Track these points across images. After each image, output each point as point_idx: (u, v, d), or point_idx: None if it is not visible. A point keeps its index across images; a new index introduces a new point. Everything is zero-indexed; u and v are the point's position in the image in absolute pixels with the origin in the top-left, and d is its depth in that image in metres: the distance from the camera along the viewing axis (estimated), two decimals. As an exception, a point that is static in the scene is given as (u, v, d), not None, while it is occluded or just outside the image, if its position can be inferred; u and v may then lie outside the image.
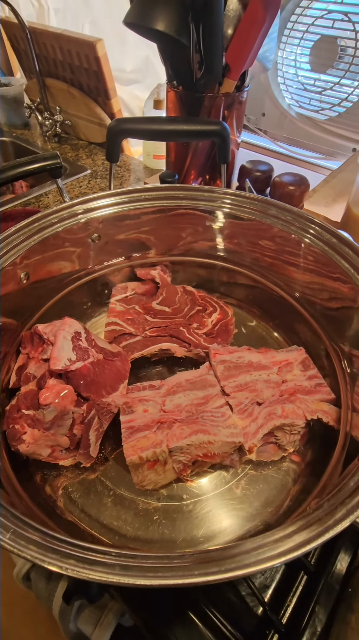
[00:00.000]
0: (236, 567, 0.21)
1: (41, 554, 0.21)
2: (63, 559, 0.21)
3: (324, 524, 0.23)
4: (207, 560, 0.22)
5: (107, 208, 0.52)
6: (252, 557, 0.21)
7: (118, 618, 0.46)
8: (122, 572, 0.21)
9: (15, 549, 0.21)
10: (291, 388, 0.47)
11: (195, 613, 0.39)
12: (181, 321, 0.55)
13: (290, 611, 0.40)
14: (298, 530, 0.23)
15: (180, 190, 0.54)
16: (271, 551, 0.22)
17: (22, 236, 0.46)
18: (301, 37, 0.85)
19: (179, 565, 0.21)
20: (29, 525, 0.24)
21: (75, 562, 0.21)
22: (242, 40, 0.67)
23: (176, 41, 0.62)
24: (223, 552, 0.22)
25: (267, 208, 0.52)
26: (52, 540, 0.23)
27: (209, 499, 0.43)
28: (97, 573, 0.20)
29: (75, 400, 0.44)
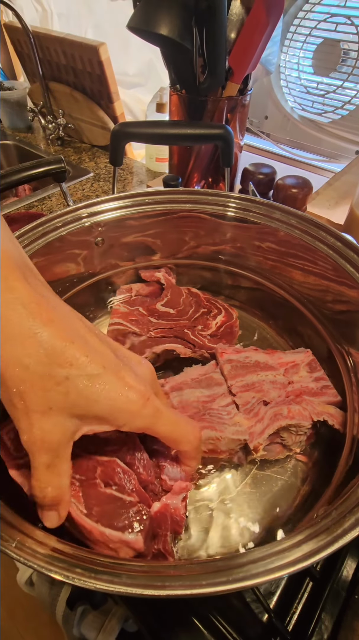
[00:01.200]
0: (244, 577, 0.20)
1: (48, 562, 0.21)
2: (70, 568, 0.21)
3: (333, 534, 0.22)
4: (215, 570, 0.21)
5: (111, 212, 0.52)
6: (260, 566, 0.21)
7: (121, 623, 0.46)
8: (129, 581, 0.20)
9: (22, 558, 0.21)
10: (298, 389, 0.47)
11: (199, 619, 0.39)
12: (186, 323, 0.55)
13: (295, 618, 0.40)
14: (306, 540, 0.22)
15: (185, 194, 0.55)
16: (280, 561, 0.21)
17: (25, 240, 0.46)
18: (304, 41, 0.85)
19: (186, 574, 0.21)
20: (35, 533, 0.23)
21: (82, 572, 0.21)
22: (245, 44, 0.67)
23: (179, 45, 0.62)
24: (230, 562, 0.22)
25: (272, 212, 0.51)
26: (57, 549, 0.23)
27: (214, 504, 0.43)
28: (104, 583, 0.20)
29: None
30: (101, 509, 0.29)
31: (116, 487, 0.31)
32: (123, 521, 0.28)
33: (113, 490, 0.30)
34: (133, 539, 0.28)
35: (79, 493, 0.30)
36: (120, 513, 0.29)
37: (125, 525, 0.28)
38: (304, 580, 0.42)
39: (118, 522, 0.28)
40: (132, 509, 0.29)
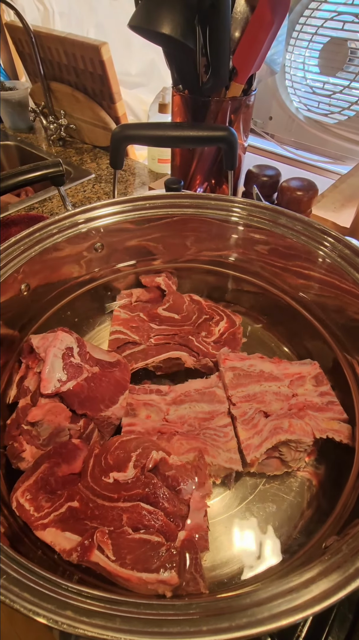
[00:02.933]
0: (248, 624, 0.19)
1: (35, 604, 0.19)
2: (60, 610, 0.19)
3: (346, 573, 0.21)
4: (216, 613, 0.20)
5: (110, 217, 0.50)
6: (266, 610, 0.19)
7: None
8: (124, 626, 0.19)
9: (7, 600, 0.19)
10: (301, 403, 0.45)
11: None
12: (190, 329, 0.53)
13: (300, 643, 0.38)
14: (316, 579, 0.21)
15: (186, 198, 0.53)
16: (288, 604, 0.20)
17: (22, 247, 0.44)
18: (310, 40, 0.83)
19: (186, 619, 0.19)
20: (23, 566, 0.22)
21: (72, 614, 0.19)
22: (250, 43, 0.65)
23: (182, 45, 0.60)
24: (233, 603, 0.20)
25: (277, 217, 0.50)
26: (47, 585, 0.21)
27: (216, 524, 0.41)
28: (96, 628, 0.18)
29: (69, 416, 0.42)
30: (134, 556, 0.30)
31: (144, 529, 0.32)
32: (156, 562, 0.30)
33: (142, 534, 0.32)
34: (169, 577, 0.29)
35: (109, 544, 0.30)
36: (151, 556, 0.30)
37: (159, 566, 0.29)
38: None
39: (151, 564, 0.30)
40: (161, 549, 0.31)
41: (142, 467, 0.35)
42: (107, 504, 0.33)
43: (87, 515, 0.32)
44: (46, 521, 0.32)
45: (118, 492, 0.33)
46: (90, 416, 0.43)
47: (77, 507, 0.33)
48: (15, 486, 0.36)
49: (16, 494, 0.35)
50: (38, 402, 0.41)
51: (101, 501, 0.33)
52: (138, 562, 0.29)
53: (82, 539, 0.31)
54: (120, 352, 0.50)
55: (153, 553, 0.30)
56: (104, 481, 0.34)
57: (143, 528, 0.32)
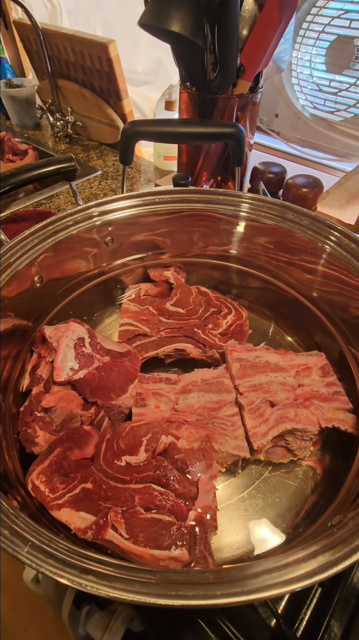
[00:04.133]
0: (259, 589, 0.20)
1: (60, 569, 0.21)
2: (82, 575, 0.21)
3: (350, 545, 0.22)
4: (229, 580, 0.21)
5: (121, 211, 0.51)
6: (275, 577, 0.21)
7: (127, 623, 0.46)
8: (143, 589, 0.20)
9: (34, 564, 0.21)
10: (307, 393, 0.46)
11: (206, 622, 0.38)
12: (196, 322, 0.54)
13: (304, 624, 0.39)
14: (322, 551, 0.22)
15: (195, 193, 0.54)
16: (296, 572, 0.21)
17: (36, 239, 0.45)
18: (316, 38, 0.83)
19: (200, 583, 0.21)
20: (47, 537, 0.23)
21: (94, 578, 0.21)
22: (257, 41, 0.66)
23: (191, 42, 0.61)
24: (244, 572, 0.22)
25: (284, 212, 0.51)
26: (69, 554, 0.22)
27: (222, 509, 0.42)
28: (117, 591, 0.20)
29: (81, 404, 0.43)
30: (146, 534, 0.32)
31: (155, 509, 0.34)
32: (168, 540, 0.31)
33: (153, 513, 0.33)
34: (180, 554, 0.31)
35: (122, 523, 0.32)
36: (163, 534, 0.32)
37: (170, 543, 0.31)
38: (313, 587, 0.41)
39: (163, 542, 0.31)
40: (172, 528, 0.32)
41: (153, 451, 0.36)
42: (120, 485, 0.34)
43: (100, 496, 0.34)
44: (61, 502, 0.33)
45: (130, 475, 0.35)
46: (100, 404, 0.44)
47: (91, 488, 0.34)
48: (30, 469, 0.37)
49: (31, 476, 0.36)
50: (51, 389, 0.43)
51: (114, 483, 0.34)
52: (150, 540, 0.31)
53: (96, 518, 0.32)
54: (131, 343, 0.52)
55: (165, 531, 0.31)
56: (116, 464, 0.36)
57: (155, 508, 0.33)
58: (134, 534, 0.31)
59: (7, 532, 0.22)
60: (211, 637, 0.38)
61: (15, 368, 0.47)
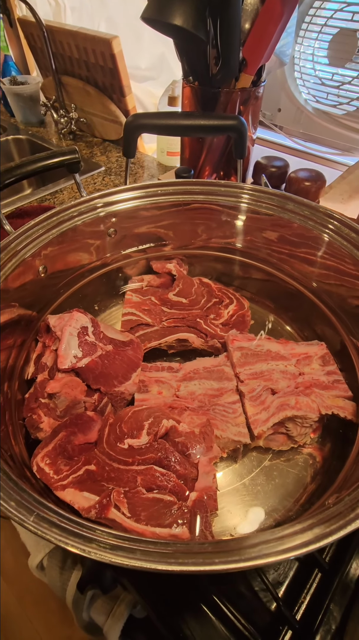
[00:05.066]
0: (256, 557, 0.21)
1: (64, 537, 0.21)
2: (86, 543, 0.21)
3: (345, 518, 0.22)
4: (227, 550, 0.22)
5: (124, 202, 0.52)
6: (272, 547, 0.21)
7: (130, 609, 0.47)
8: (143, 557, 0.21)
9: (39, 531, 0.21)
10: (308, 381, 0.47)
11: (208, 606, 0.39)
12: (199, 312, 0.55)
13: (304, 608, 0.40)
14: (318, 523, 0.23)
15: (197, 185, 0.54)
16: (291, 542, 0.21)
17: (41, 229, 0.46)
18: (319, 31, 0.83)
19: (199, 552, 0.21)
20: (51, 510, 0.24)
21: (97, 546, 0.21)
22: (260, 35, 0.66)
23: (193, 36, 0.62)
24: (242, 542, 0.22)
25: (285, 203, 0.51)
26: (74, 525, 0.23)
27: (223, 495, 0.43)
28: (119, 557, 0.21)
29: (85, 390, 0.44)
30: (148, 513, 0.32)
31: (157, 489, 0.34)
32: (169, 519, 0.32)
33: (155, 493, 0.34)
34: (180, 532, 0.32)
35: (125, 503, 0.33)
36: (164, 513, 0.33)
37: (171, 522, 0.32)
38: (313, 571, 0.42)
39: (164, 520, 0.32)
40: (173, 507, 0.33)
41: (155, 434, 0.37)
42: (122, 467, 0.35)
43: (103, 477, 0.35)
44: (65, 482, 0.34)
45: (132, 457, 0.36)
46: (103, 391, 0.45)
47: (94, 470, 0.35)
48: (35, 452, 0.38)
49: (36, 458, 0.37)
50: (55, 376, 0.44)
51: (116, 465, 0.35)
52: (151, 519, 0.32)
53: (99, 498, 0.33)
54: (134, 332, 0.53)
55: (166, 510, 0.32)
56: (119, 447, 0.37)
57: (157, 488, 0.34)
58: (136, 512, 0.32)
59: (14, 503, 0.23)
60: (214, 621, 0.39)
61: (20, 356, 0.48)
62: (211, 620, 0.39)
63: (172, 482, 0.34)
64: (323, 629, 0.38)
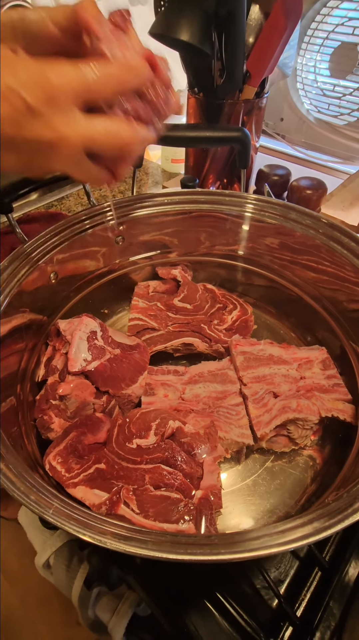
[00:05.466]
0: (258, 548, 0.22)
1: (81, 528, 0.23)
2: (101, 535, 0.23)
3: (343, 512, 0.24)
4: (232, 542, 0.23)
5: (132, 211, 0.54)
6: (274, 540, 0.23)
7: (134, 607, 0.48)
8: (155, 547, 0.22)
9: (59, 523, 0.23)
10: (309, 385, 0.48)
11: (212, 602, 0.40)
12: (203, 318, 0.56)
13: (304, 605, 0.41)
14: (318, 518, 0.24)
15: (202, 194, 0.56)
16: (292, 535, 0.23)
17: (54, 237, 0.48)
18: (321, 44, 0.86)
19: (206, 544, 0.23)
20: (67, 504, 0.26)
21: (112, 537, 0.23)
22: (263, 49, 0.68)
23: (199, 50, 0.64)
24: (246, 535, 0.24)
25: (287, 212, 0.53)
26: (88, 518, 0.25)
27: (226, 495, 0.44)
28: (133, 547, 0.22)
29: (94, 392, 0.46)
30: (156, 510, 0.34)
31: (164, 487, 0.36)
32: (176, 515, 0.34)
33: (162, 491, 0.36)
34: (187, 528, 0.33)
35: (134, 500, 0.35)
36: (171, 509, 0.35)
37: (177, 518, 0.34)
38: (313, 570, 0.43)
39: (171, 517, 0.34)
40: (180, 504, 0.35)
41: (162, 435, 0.39)
42: (131, 466, 0.37)
43: (113, 476, 0.36)
44: (76, 480, 0.36)
45: (140, 456, 0.37)
46: (112, 393, 0.47)
47: (104, 468, 0.37)
48: (47, 451, 0.40)
49: (48, 457, 0.39)
50: (66, 378, 0.46)
51: (125, 464, 0.37)
52: (159, 515, 0.33)
53: (109, 495, 0.34)
54: (140, 336, 0.54)
55: (173, 507, 0.34)
56: (128, 447, 0.38)
57: (164, 486, 0.35)
58: (144, 509, 0.33)
59: (35, 497, 0.25)
60: (217, 617, 0.40)
61: (32, 360, 0.50)
62: (214, 616, 0.40)
63: (179, 481, 0.36)
64: (323, 625, 0.40)
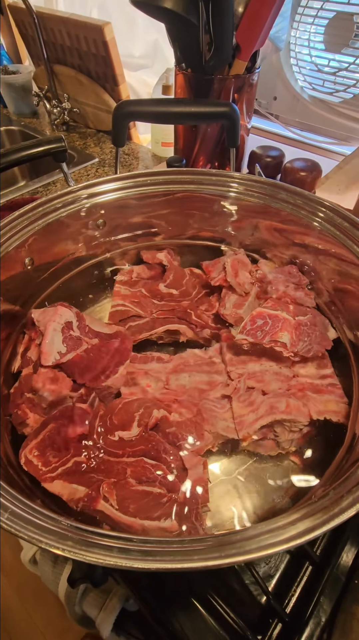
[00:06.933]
0: (237, 553, 0.20)
1: (38, 534, 0.21)
2: (61, 541, 0.21)
3: (330, 512, 0.22)
4: (208, 546, 0.21)
5: (112, 193, 0.51)
6: (254, 543, 0.21)
7: (122, 603, 0.46)
8: (120, 555, 0.20)
9: (13, 529, 0.21)
10: (301, 384, 0.45)
11: (198, 600, 0.39)
12: (189, 304, 0.54)
13: (294, 601, 0.40)
14: (302, 518, 0.22)
15: (187, 174, 0.53)
16: (274, 538, 0.21)
17: (25, 221, 0.45)
18: (315, 15, 0.81)
19: (178, 550, 0.21)
20: (27, 506, 0.23)
21: (73, 544, 0.21)
22: (253, 19, 0.64)
23: (185, 20, 0.60)
24: (224, 538, 0.22)
25: (276, 192, 0.50)
26: (50, 522, 0.23)
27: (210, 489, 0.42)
28: (94, 555, 0.20)
29: (71, 385, 0.44)
30: (137, 505, 0.32)
31: (147, 481, 0.34)
32: (158, 512, 0.32)
33: (145, 485, 0.34)
34: (169, 525, 0.31)
35: (114, 495, 0.32)
36: (153, 505, 0.32)
37: (160, 514, 0.32)
38: (303, 565, 0.41)
39: (153, 513, 0.32)
40: (163, 500, 0.33)
41: (145, 426, 0.36)
42: (113, 459, 0.35)
43: (92, 469, 0.34)
44: (54, 474, 0.34)
45: (123, 449, 0.35)
46: (89, 386, 0.44)
47: (84, 461, 0.35)
48: (23, 445, 0.38)
49: (24, 451, 0.37)
50: (38, 371, 0.43)
51: (106, 457, 0.35)
52: (140, 511, 0.31)
53: (89, 489, 0.32)
54: (123, 324, 0.52)
55: (155, 503, 0.32)
56: (109, 439, 0.36)
57: (146, 480, 0.33)
58: (125, 505, 0.31)
59: (-12, 500, 0.23)
60: (204, 615, 0.38)
61: (6, 350, 0.47)
62: (201, 614, 0.39)
63: (162, 474, 0.34)
64: (313, 621, 0.38)
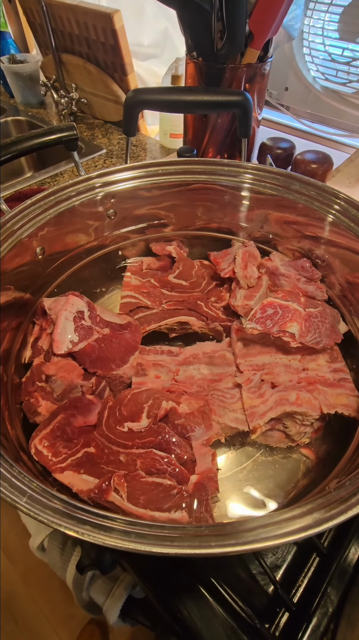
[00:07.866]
0: (253, 541, 0.20)
1: (57, 518, 0.21)
2: (80, 525, 0.21)
3: (346, 502, 0.22)
4: (224, 533, 0.21)
5: (123, 182, 0.50)
6: (270, 531, 0.21)
7: (129, 590, 0.47)
8: (138, 539, 0.20)
9: (32, 513, 0.21)
10: (312, 377, 0.45)
11: (206, 588, 0.39)
12: (199, 295, 0.54)
13: (301, 591, 0.40)
14: (318, 508, 0.22)
15: (199, 164, 0.52)
16: (289, 527, 0.21)
17: (38, 209, 0.45)
18: (330, 3, 0.79)
19: (196, 536, 0.21)
20: (45, 491, 0.24)
21: (91, 528, 0.21)
22: (267, 5, 0.63)
23: (197, 6, 0.59)
24: (240, 526, 0.22)
25: (290, 183, 0.49)
26: (68, 507, 0.23)
27: (221, 480, 0.43)
28: (113, 539, 0.20)
29: (82, 374, 0.44)
30: (147, 497, 0.32)
31: (156, 473, 0.34)
32: (168, 503, 0.32)
33: (155, 477, 0.34)
34: (179, 516, 0.31)
35: (124, 486, 0.32)
36: (163, 497, 0.32)
37: (170, 506, 0.32)
38: (311, 555, 0.42)
39: (163, 505, 0.32)
40: (173, 491, 0.33)
41: (154, 417, 0.36)
42: (122, 450, 0.35)
43: (102, 460, 0.34)
44: (64, 465, 0.34)
45: (132, 440, 0.35)
46: (101, 375, 0.45)
47: (93, 452, 0.35)
48: (33, 435, 0.38)
49: (34, 441, 0.37)
50: (51, 359, 0.43)
51: (116, 448, 0.35)
52: (151, 502, 0.31)
53: (99, 481, 0.33)
54: (133, 315, 0.52)
55: (165, 494, 0.32)
56: (119, 430, 0.36)
57: (156, 472, 0.34)
58: (135, 496, 0.32)
59: (7, 484, 0.23)
60: (212, 603, 0.39)
61: (17, 340, 0.47)
62: (209, 602, 0.39)
63: (172, 466, 0.34)
64: (320, 611, 0.39)
